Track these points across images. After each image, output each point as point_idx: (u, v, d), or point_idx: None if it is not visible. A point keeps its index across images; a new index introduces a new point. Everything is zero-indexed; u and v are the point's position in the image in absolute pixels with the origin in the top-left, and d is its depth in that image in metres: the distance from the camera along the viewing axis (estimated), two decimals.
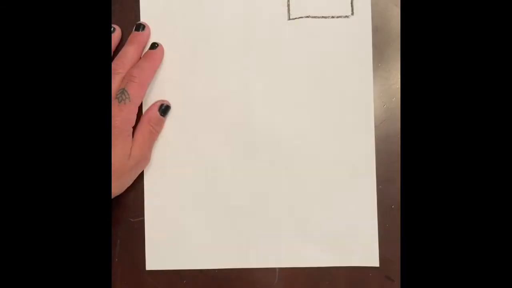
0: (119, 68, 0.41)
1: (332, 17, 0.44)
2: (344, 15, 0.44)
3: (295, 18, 0.44)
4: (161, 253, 0.43)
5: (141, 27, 0.43)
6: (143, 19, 0.44)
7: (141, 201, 0.44)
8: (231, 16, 0.44)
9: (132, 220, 0.44)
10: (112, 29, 0.43)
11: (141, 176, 0.44)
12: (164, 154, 0.44)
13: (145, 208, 0.44)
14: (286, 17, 0.44)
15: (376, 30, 0.43)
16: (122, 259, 0.43)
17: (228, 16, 0.44)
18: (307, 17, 0.44)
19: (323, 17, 0.44)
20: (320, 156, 0.43)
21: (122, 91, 0.40)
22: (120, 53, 0.42)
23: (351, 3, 0.44)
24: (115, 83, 0.41)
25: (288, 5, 0.44)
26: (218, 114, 0.44)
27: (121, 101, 0.40)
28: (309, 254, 0.43)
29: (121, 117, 0.40)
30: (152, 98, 0.44)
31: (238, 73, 0.44)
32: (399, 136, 0.43)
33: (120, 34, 0.44)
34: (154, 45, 0.43)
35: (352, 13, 0.44)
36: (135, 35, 0.43)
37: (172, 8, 0.44)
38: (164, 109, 0.43)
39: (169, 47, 0.44)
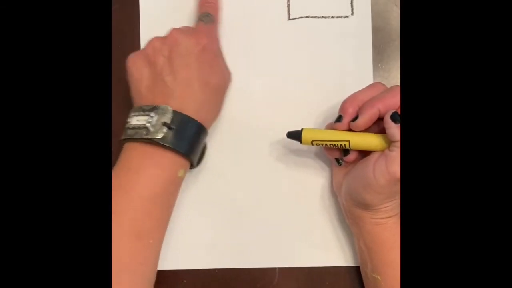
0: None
1: (332, 17, 0.44)
2: (344, 15, 0.44)
3: (295, 18, 0.44)
4: (161, 253, 0.43)
5: None
6: (143, 19, 0.44)
7: None
8: (231, 16, 0.44)
9: None
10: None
11: None
12: None
13: None
14: (286, 17, 0.44)
15: (376, 30, 0.43)
16: None
17: (228, 16, 0.44)
18: (307, 17, 0.44)
19: (323, 17, 0.44)
20: (320, 155, 0.43)
21: (206, 14, 0.41)
22: None
23: (351, 3, 0.44)
24: None
25: (288, 5, 0.44)
26: None
27: (206, 22, 0.41)
28: (309, 254, 0.43)
29: (210, 37, 0.40)
30: None
31: (238, 73, 0.44)
32: None
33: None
34: None
35: (352, 13, 0.44)
36: None
37: (172, 8, 0.44)
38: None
39: None
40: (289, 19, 0.44)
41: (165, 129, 0.36)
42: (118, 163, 0.38)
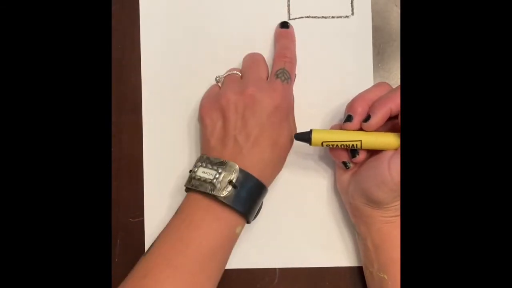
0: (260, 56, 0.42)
1: (332, 17, 0.44)
2: (344, 15, 0.44)
3: (295, 18, 0.44)
4: None
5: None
6: (143, 19, 0.44)
7: (141, 201, 0.44)
8: (231, 16, 0.44)
9: (132, 220, 0.44)
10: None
11: (141, 176, 0.44)
12: (164, 154, 0.44)
13: (145, 208, 0.43)
14: (286, 17, 0.44)
15: (376, 30, 0.43)
16: (122, 259, 0.43)
17: (228, 16, 0.44)
18: (307, 17, 0.44)
19: (323, 17, 0.44)
20: (321, 156, 0.43)
21: (283, 71, 0.40)
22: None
23: (351, 3, 0.44)
24: (264, 67, 0.42)
25: (288, 5, 0.44)
26: None
27: (284, 80, 0.40)
28: (309, 254, 0.43)
29: (286, 96, 0.40)
30: (151, 98, 0.44)
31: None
32: None
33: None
34: (286, 24, 0.43)
35: (352, 13, 0.44)
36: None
37: (172, 8, 0.44)
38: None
39: (168, 47, 0.44)
40: (289, 19, 0.44)
41: (229, 188, 0.36)
42: (180, 213, 0.38)
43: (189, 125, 0.44)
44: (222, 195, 0.36)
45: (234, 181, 0.37)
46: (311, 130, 0.38)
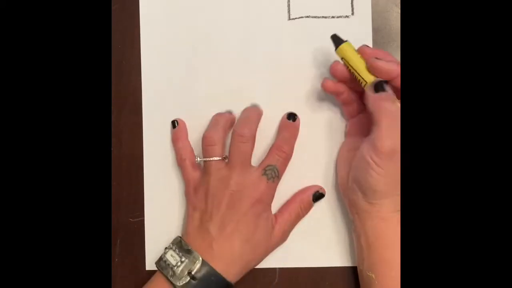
0: (248, 134, 0.40)
1: (332, 17, 0.44)
2: (344, 15, 0.44)
3: (295, 18, 0.44)
4: (161, 253, 0.43)
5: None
6: (143, 19, 0.44)
7: (141, 201, 0.44)
8: (231, 16, 0.44)
9: (132, 220, 0.44)
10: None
11: (141, 176, 0.44)
12: (164, 154, 0.44)
13: (145, 208, 0.44)
14: (286, 17, 0.44)
15: (376, 30, 0.43)
16: (122, 259, 0.43)
17: (228, 16, 0.44)
18: (307, 17, 0.44)
19: (323, 17, 0.44)
20: (320, 156, 0.43)
21: (273, 168, 0.40)
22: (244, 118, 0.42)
23: (351, 3, 0.44)
24: (249, 149, 0.40)
25: (288, 5, 0.44)
26: None
27: (270, 178, 0.40)
28: (309, 254, 0.43)
29: (268, 194, 0.40)
30: (151, 98, 0.44)
31: (238, 73, 0.44)
32: None
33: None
34: (293, 117, 0.42)
35: (352, 13, 0.44)
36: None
37: (172, 8, 0.44)
38: (318, 196, 0.42)
39: (168, 47, 0.44)
40: (289, 19, 0.44)
41: (188, 279, 0.37)
42: None
43: (189, 125, 0.44)
44: (178, 284, 0.37)
45: (193, 272, 0.37)
46: (346, 41, 0.39)
